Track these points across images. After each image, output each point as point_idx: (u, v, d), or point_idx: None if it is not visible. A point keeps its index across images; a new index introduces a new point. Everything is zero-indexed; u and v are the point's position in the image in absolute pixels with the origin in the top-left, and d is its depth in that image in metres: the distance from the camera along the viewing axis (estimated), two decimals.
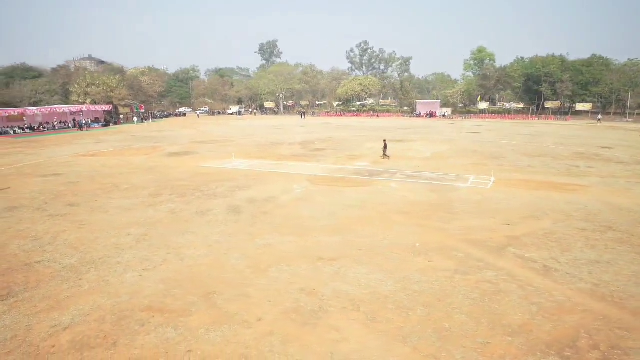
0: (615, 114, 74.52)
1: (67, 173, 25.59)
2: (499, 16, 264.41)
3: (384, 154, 29.50)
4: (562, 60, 73.53)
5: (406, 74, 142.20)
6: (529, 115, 73.34)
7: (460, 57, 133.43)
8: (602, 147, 34.74)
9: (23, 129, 52.71)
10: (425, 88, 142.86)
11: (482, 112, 77.01)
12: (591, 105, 72.63)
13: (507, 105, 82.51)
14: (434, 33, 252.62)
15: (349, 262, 11.90)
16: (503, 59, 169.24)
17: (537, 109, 74.85)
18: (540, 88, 72.74)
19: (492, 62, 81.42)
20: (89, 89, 62.91)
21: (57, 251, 12.96)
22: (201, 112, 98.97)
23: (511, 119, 72.47)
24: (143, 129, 58.14)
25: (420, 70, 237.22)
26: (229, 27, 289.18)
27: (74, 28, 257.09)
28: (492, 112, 77.45)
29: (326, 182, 22.37)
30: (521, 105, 76.46)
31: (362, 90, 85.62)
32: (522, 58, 78.98)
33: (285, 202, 18.44)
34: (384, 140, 30.77)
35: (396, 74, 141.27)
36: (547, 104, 73.52)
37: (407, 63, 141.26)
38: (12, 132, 50.88)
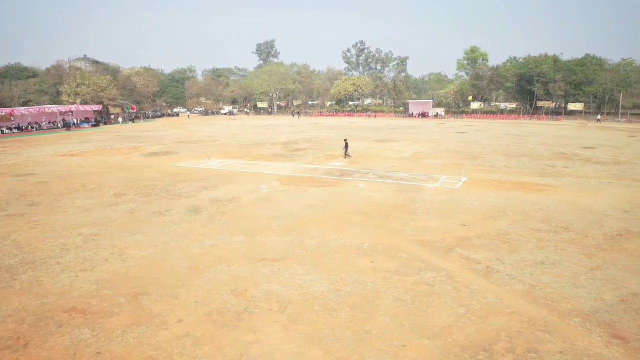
0: (608, 113, 74.24)
1: (41, 173, 25.49)
2: (495, 16, 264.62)
3: (345, 153, 29.41)
4: (555, 59, 73.24)
5: (403, 74, 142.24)
6: (521, 115, 73.09)
7: (457, 57, 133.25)
8: (585, 147, 34.54)
9: (11, 129, 52.66)
10: (422, 88, 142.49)
11: (475, 112, 76.81)
12: (583, 105, 72.33)
13: (502, 105, 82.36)
14: (432, 33, 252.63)
15: (290, 262, 11.76)
16: (498, 58, 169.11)
17: (530, 109, 74.58)
18: (532, 88, 72.47)
19: (485, 61, 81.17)
20: (78, 89, 62.84)
21: (0, 251, 12.82)
22: (195, 112, 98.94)
23: (503, 118, 72.23)
24: (131, 129, 58.09)
25: (417, 70, 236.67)
26: (228, 27, 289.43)
27: (72, 28, 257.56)
28: (485, 112, 77.27)
29: (296, 181, 22.23)
30: (513, 105, 76.22)
31: (355, 90, 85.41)
32: (515, 58, 78.76)
33: (247, 202, 18.30)
34: (345, 140, 30.68)
35: (393, 74, 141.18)
36: (540, 104, 73.25)
37: (404, 63, 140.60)
38: (0, 132, 50.82)
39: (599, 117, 65.02)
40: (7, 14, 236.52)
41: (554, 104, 72.64)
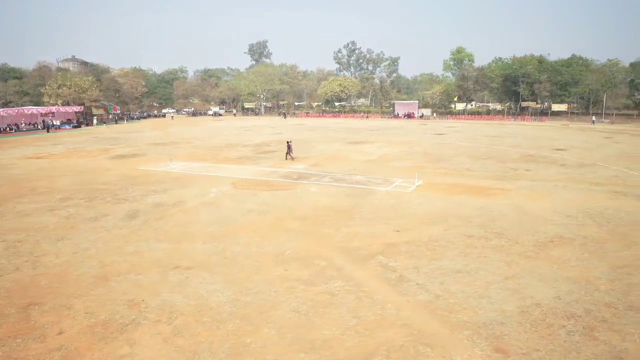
0: (595, 114, 74.23)
1: None
2: (484, 16, 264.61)
3: (289, 155, 29.57)
4: (540, 60, 73.14)
5: (394, 74, 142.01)
6: (506, 116, 72.96)
7: (444, 57, 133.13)
8: (557, 149, 34.39)
9: None
10: (414, 88, 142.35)
11: (463, 112, 76.65)
12: (567, 106, 72.29)
13: (491, 106, 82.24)
14: (424, 33, 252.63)
15: (202, 271, 11.53)
16: (485, 59, 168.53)
17: (516, 110, 74.49)
18: (518, 88, 72.36)
19: (471, 62, 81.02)
20: (60, 90, 62.51)
21: None
22: (183, 113, 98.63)
23: (488, 119, 72.09)
24: (111, 130, 57.80)
25: (410, 70, 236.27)
26: (221, 28, 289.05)
27: (68, 29, 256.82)
28: (472, 113, 77.13)
29: (249, 185, 22.00)
30: (499, 106, 76.15)
31: (342, 90, 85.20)
32: (500, 58, 78.64)
33: (190, 206, 18.06)
34: (287, 142, 30.75)
35: (384, 74, 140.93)
36: (525, 105, 73.14)
37: (395, 63, 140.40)
38: None
39: (594, 118, 64.58)
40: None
41: (538, 105, 72.48)
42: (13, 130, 54.74)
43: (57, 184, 22.60)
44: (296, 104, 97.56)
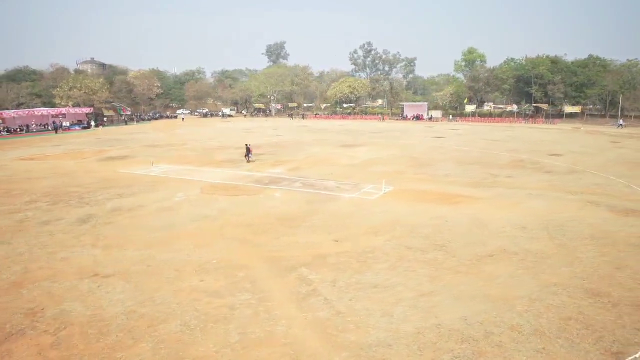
0: (611, 116, 71.61)
1: None
2: (498, 16, 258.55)
3: (247, 158, 30.36)
4: (554, 61, 70.87)
5: (410, 75, 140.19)
6: (517, 118, 70.98)
7: (455, 58, 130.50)
8: (552, 155, 33.21)
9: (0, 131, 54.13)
10: (430, 89, 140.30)
11: (473, 114, 75.03)
12: (580, 108, 69.91)
13: (509, 108, 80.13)
14: (441, 33, 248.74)
15: (118, 279, 11.50)
16: (498, 60, 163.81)
17: (527, 112, 72.40)
18: (530, 90, 70.35)
19: (483, 63, 79.21)
20: (71, 92, 64.16)
21: None
22: (196, 113, 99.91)
23: (497, 122, 70.29)
24: (115, 132, 58.99)
25: (426, 71, 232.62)
26: (243, 29, 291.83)
27: (86, 31, 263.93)
28: (483, 115, 75.37)
29: (217, 190, 21.97)
30: (509, 108, 74.22)
31: (351, 92, 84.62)
32: (513, 59, 76.55)
33: (145, 212, 18.13)
34: (246, 145, 31.35)
35: (400, 75, 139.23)
36: (536, 106, 71.02)
37: (412, 64, 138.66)
38: None
39: (621, 122, 61.32)
40: (20, 16, 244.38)
41: (549, 106, 70.25)
42: (23, 131, 56.46)
43: (33, 186, 23.07)
44: (305, 105, 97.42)
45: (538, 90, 69.89)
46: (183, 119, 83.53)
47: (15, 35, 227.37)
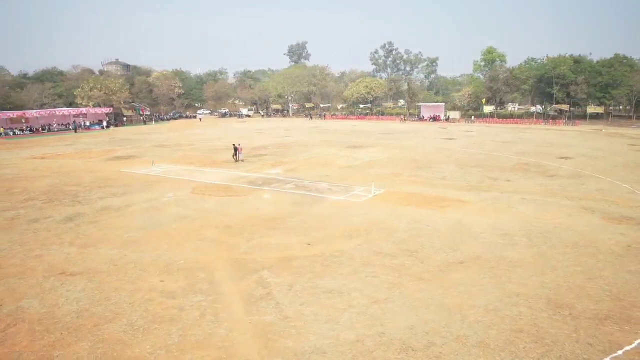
0: (638, 117, 68.94)
1: None
2: (520, 16, 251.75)
3: (236, 157, 31.06)
4: (577, 60, 68.53)
5: (432, 75, 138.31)
6: (535, 119, 68.93)
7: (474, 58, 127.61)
8: (561, 158, 32.15)
9: (22, 131, 56.12)
10: (453, 89, 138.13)
11: (492, 115, 73.36)
12: (603, 109, 67.42)
13: (532, 109, 78.15)
14: (465, 32, 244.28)
15: (82, 278, 11.75)
16: (519, 59, 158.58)
17: (547, 113, 70.32)
18: (552, 90, 68.30)
19: (502, 63, 77.33)
20: (91, 93, 66.01)
21: None
22: (216, 114, 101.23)
23: (515, 123, 68.50)
24: (133, 131, 60.31)
25: (449, 71, 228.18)
26: (266, 29, 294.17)
27: (115, 33, 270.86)
28: (501, 116, 73.57)
29: (208, 190, 22.18)
30: (532, 109, 72.25)
31: (368, 92, 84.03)
32: (533, 59, 74.46)
33: (132, 211, 18.45)
34: (233, 145, 31.96)
35: (422, 75, 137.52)
36: (557, 107, 68.91)
37: (434, 64, 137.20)
38: (11, 133, 54.30)
39: None
40: (52, 17, 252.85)
41: (569, 107, 68.01)
42: (45, 130, 58.38)
43: (34, 185, 23.80)
44: (321, 105, 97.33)
45: (559, 90, 67.78)
46: (200, 119, 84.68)
47: (46, 37, 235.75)
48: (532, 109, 80.00)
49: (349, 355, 8.25)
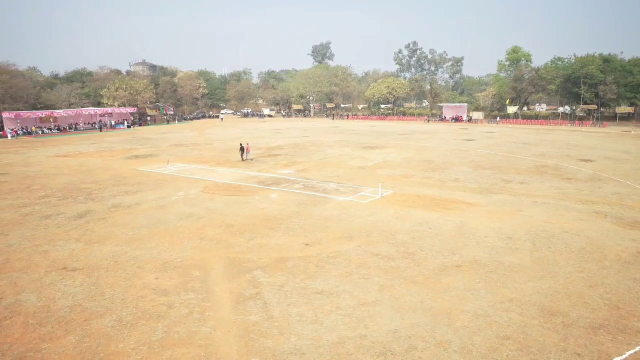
0: None
1: (13, 173, 28.08)
2: (552, 14, 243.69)
3: (242, 157, 31.61)
4: (606, 59, 66.18)
5: (457, 75, 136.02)
6: (561, 120, 66.86)
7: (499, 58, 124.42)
8: (581, 160, 31.14)
9: (51, 129, 58.18)
10: (479, 89, 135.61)
11: (516, 116, 71.63)
12: (633, 109, 64.90)
13: (561, 109, 75.95)
14: (491, 31, 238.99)
15: (82, 273, 12.11)
16: (545, 59, 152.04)
17: (574, 114, 68.22)
18: (579, 91, 66.24)
19: (528, 62, 75.36)
20: (116, 93, 67.87)
21: None
22: (238, 114, 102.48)
23: (540, 124, 66.65)
24: (155, 131, 61.68)
25: (476, 71, 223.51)
26: (292, 29, 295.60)
27: (148, 35, 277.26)
28: (526, 117, 71.71)
29: (218, 189, 22.48)
30: (560, 109, 70.20)
31: (389, 92, 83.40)
32: (560, 58, 72.24)
33: (141, 209, 18.87)
34: (240, 144, 32.63)
35: (447, 75, 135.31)
36: (585, 108, 66.73)
37: (459, 64, 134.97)
38: (40, 132, 56.37)
39: None
40: (85, 20, 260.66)
41: (597, 108, 65.74)
42: (72, 129, 60.35)
43: (53, 182, 24.64)
44: (342, 105, 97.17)
45: (587, 91, 65.67)
46: (222, 119, 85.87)
47: (78, 39, 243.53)
48: (561, 109, 77.71)
49: (327, 357, 8.22)
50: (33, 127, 56.36)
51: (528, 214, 17.71)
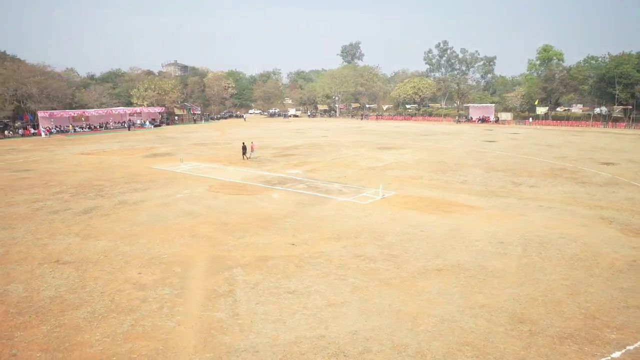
0: None
1: (37, 169, 29.55)
2: (587, 11, 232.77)
3: (244, 156, 32.33)
4: None
5: (489, 75, 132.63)
6: (593, 122, 64.01)
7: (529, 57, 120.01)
8: (603, 164, 29.86)
9: (82, 128, 60.73)
10: (511, 89, 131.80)
11: (546, 116, 69.18)
12: None
13: (597, 110, 72.91)
14: (524, 29, 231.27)
15: (72, 267, 12.66)
16: (577, 58, 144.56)
17: (608, 116, 65.26)
18: (613, 91, 63.33)
19: (560, 62, 72.63)
20: (145, 93, 70.10)
21: None
22: (265, 114, 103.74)
23: (571, 125, 64.12)
24: (180, 130, 63.33)
25: (509, 70, 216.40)
26: (321, 28, 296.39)
27: (180, 34, 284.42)
28: (557, 118, 69.10)
29: (223, 188, 22.93)
30: (592, 110, 67.35)
31: (415, 93, 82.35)
32: (594, 57, 69.21)
33: (145, 206, 19.50)
34: (243, 143, 33.29)
35: (478, 75, 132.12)
36: (620, 108, 63.69)
37: (491, 63, 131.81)
38: (73, 130, 58.95)
39: None
40: (124, 23, 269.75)
41: (632, 109, 62.59)
42: (102, 128, 62.76)
43: (70, 179, 25.77)
44: (367, 106, 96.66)
45: (622, 91, 62.71)
46: (245, 119, 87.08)
47: (116, 41, 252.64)
48: (597, 110, 74.55)
49: (279, 356, 8.32)
50: (70, 126, 59.08)
51: (529, 218, 17.19)
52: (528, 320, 9.54)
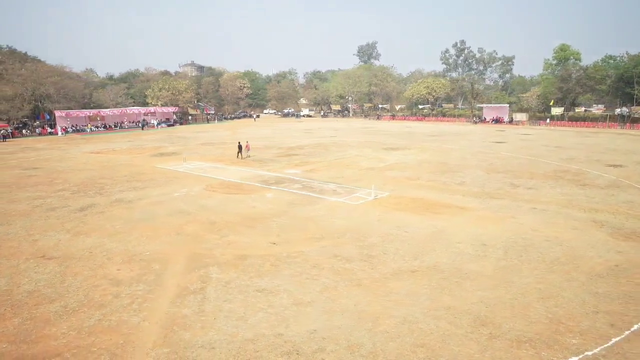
0: None
1: (46, 167, 30.42)
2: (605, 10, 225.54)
3: (240, 155, 33.23)
4: None
5: (507, 75, 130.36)
6: (610, 123, 62.29)
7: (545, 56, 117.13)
8: (610, 166, 29.17)
9: (97, 127, 62.18)
10: (528, 89, 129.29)
11: (561, 117, 67.72)
12: None
13: (617, 110, 71.06)
14: (542, 29, 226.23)
15: (56, 262, 13.08)
16: (595, 57, 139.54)
17: (625, 116, 63.49)
18: (632, 91, 61.68)
19: (577, 61, 70.96)
20: (160, 93, 71.33)
21: None
22: (279, 114, 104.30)
23: (586, 126, 62.58)
24: (192, 130, 64.21)
25: (528, 70, 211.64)
26: (337, 29, 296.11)
27: (199, 35, 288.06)
28: (573, 119, 67.56)
29: (220, 187, 23.25)
30: (612, 110, 65.59)
31: (429, 93, 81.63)
32: (612, 56, 67.38)
33: (140, 204, 19.94)
34: (239, 142, 34.06)
35: (496, 75, 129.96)
36: (638, 109, 61.97)
37: (509, 63, 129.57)
38: (88, 129, 60.41)
39: None
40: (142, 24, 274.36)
41: None
42: (117, 127, 64.11)
43: (75, 177, 26.48)
44: (381, 106, 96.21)
45: None
46: (254, 119, 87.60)
47: (136, 41, 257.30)
48: (617, 110, 72.59)
49: (233, 352, 8.47)
50: (89, 125, 60.65)
51: (519, 220, 16.97)
52: (490, 323, 9.47)
